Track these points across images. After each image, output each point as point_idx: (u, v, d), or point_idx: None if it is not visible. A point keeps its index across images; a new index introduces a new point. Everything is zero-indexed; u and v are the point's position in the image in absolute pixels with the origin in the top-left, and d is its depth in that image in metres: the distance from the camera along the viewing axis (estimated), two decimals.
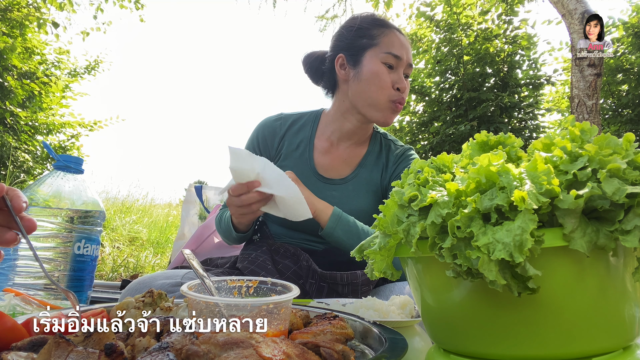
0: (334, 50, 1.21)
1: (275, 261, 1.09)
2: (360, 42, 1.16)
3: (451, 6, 6.30)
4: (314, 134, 1.25)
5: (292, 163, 1.20)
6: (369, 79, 1.13)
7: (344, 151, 1.23)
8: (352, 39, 1.17)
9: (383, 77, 1.13)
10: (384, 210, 0.49)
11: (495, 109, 5.88)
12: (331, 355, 0.41)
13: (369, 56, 1.14)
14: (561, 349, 0.41)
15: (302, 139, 1.24)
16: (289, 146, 1.23)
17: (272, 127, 1.25)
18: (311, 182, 1.18)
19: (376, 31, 1.16)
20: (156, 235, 5.05)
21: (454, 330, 0.47)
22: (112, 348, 0.38)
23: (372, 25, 1.17)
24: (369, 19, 1.20)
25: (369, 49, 1.15)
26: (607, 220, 0.37)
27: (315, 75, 1.29)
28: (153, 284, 0.92)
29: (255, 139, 1.25)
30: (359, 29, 1.17)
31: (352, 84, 1.17)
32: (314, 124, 1.26)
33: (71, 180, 1.06)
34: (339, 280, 1.03)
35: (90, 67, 6.05)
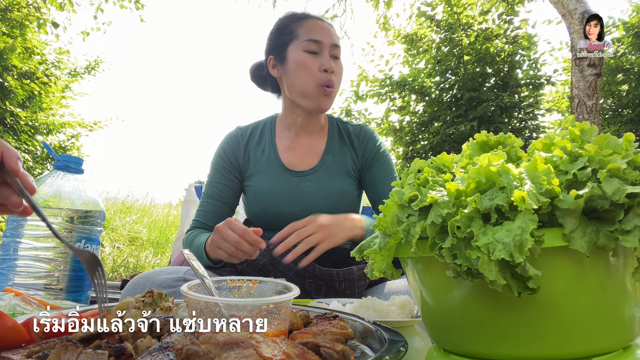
0: (265, 54, 1.27)
1: (275, 263, 1.09)
2: (282, 40, 1.21)
3: (452, 6, 6.30)
4: (273, 135, 1.29)
5: (261, 168, 1.24)
6: (295, 70, 1.17)
7: (305, 143, 1.27)
8: (276, 39, 1.23)
9: (307, 64, 1.16)
10: (384, 210, 0.49)
11: (495, 109, 5.88)
12: (331, 355, 0.41)
13: (291, 49, 1.19)
14: (561, 349, 0.41)
15: (265, 143, 1.28)
16: (254, 154, 1.27)
17: (235, 139, 1.29)
18: (284, 179, 1.22)
19: (294, 25, 1.21)
20: (156, 235, 5.05)
21: (454, 330, 0.47)
22: (120, 350, 0.38)
23: (290, 21, 1.22)
24: (287, 16, 1.25)
25: (290, 43, 1.19)
26: (607, 220, 0.37)
27: (260, 83, 1.35)
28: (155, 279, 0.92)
29: (222, 153, 1.28)
30: (279, 28, 1.23)
31: (284, 80, 1.22)
32: (272, 127, 1.31)
33: (71, 180, 1.06)
34: (335, 277, 1.04)
35: (90, 67, 6.05)
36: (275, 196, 1.20)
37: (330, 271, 1.04)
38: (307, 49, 1.17)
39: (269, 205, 1.20)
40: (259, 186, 1.22)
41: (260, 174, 1.23)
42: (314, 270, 1.06)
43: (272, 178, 1.22)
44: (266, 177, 1.22)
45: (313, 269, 1.06)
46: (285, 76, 1.21)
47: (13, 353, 0.42)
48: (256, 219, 1.23)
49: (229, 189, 1.25)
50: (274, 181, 1.21)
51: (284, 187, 1.21)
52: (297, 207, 1.19)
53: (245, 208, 1.30)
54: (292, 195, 1.20)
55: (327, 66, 1.16)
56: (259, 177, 1.23)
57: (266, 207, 1.20)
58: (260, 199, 1.21)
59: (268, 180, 1.22)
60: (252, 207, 1.24)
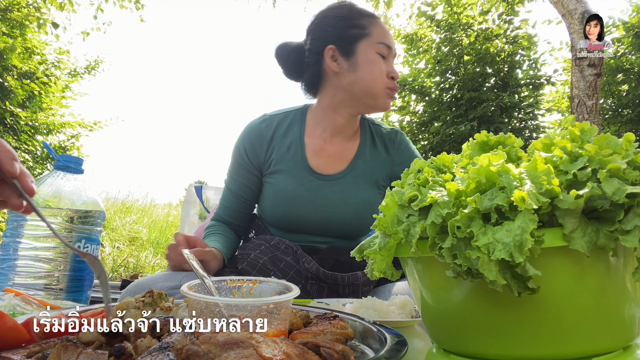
0: (320, 42, 1.16)
1: (275, 261, 1.08)
2: (351, 32, 1.13)
3: (452, 6, 6.30)
4: (303, 132, 1.20)
5: (286, 166, 1.17)
6: (366, 68, 1.12)
7: (337, 147, 1.20)
8: (342, 28, 1.14)
9: (380, 66, 1.12)
10: (384, 210, 0.49)
11: (495, 109, 5.88)
12: (331, 355, 0.41)
13: (362, 46, 1.13)
14: (561, 349, 0.41)
15: (292, 139, 1.19)
16: (279, 149, 1.18)
17: (258, 131, 1.20)
18: (309, 182, 1.15)
19: (365, 21, 1.14)
20: (156, 235, 5.05)
21: (454, 330, 0.47)
22: (121, 350, 0.38)
23: (360, 16, 1.15)
24: (356, 9, 1.17)
25: (361, 39, 1.13)
26: (607, 220, 0.37)
27: (294, 69, 1.22)
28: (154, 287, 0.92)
29: (242, 147, 1.20)
30: (348, 19, 1.15)
31: (346, 75, 1.14)
32: (302, 121, 1.22)
33: (71, 180, 1.06)
34: (340, 282, 1.03)
35: (90, 67, 6.05)
36: (297, 200, 1.13)
37: (334, 275, 1.02)
38: (379, 51, 1.13)
39: (290, 208, 1.14)
40: (281, 186, 1.15)
41: (283, 173, 1.16)
42: (318, 273, 1.04)
43: (296, 179, 1.15)
44: (290, 178, 1.15)
45: (317, 272, 1.04)
46: (349, 71, 1.13)
47: (13, 353, 0.42)
48: (274, 219, 1.18)
49: (246, 187, 1.20)
50: (298, 183, 1.14)
51: (309, 191, 1.14)
52: (319, 214, 1.14)
53: (261, 204, 1.22)
54: (316, 201, 1.14)
55: (395, 74, 1.14)
56: (282, 176, 1.16)
57: (287, 209, 1.14)
58: (281, 201, 1.15)
59: (292, 181, 1.15)
60: (270, 206, 1.17)
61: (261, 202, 1.22)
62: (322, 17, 1.19)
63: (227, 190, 1.22)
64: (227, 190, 1.22)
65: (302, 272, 1.07)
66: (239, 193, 1.20)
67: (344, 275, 1.03)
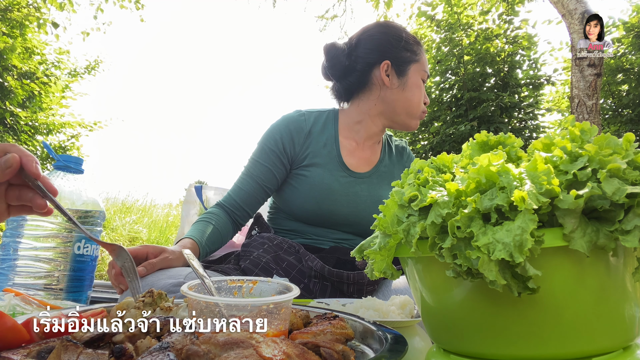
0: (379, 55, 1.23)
1: (278, 260, 1.09)
2: (405, 55, 1.23)
3: (452, 6, 6.30)
4: (337, 132, 1.27)
5: (322, 161, 1.22)
6: (413, 91, 1.23)
7: (367, 150, 1.30)
8: (400, 50, 1.23)
9: (421, 91, 1.25)
10: (384, 210, 0.49)
11: (495, 109, 5.88)
12: (331, 355, 0.41)
13: (413, 70, 1.23)
14: (561, 349, 0.41)
15: (328, 137, 1.26)
16: (316, 144, 1.24)
17: (297, 123, 1.25)
18: (343, 178, 1.22)
19: (418, 49, 1.26)
20: (156, 235, 5.05)
21: (454, 330, 0.47)
22: (121, 350, 0.38)
23: (415, 42, 1.26)
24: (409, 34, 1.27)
25: (413, 63, 1.24)
26: (607, 220, 0.37)
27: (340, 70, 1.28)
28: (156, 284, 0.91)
29: (278, 136, 1.22)
30: (406, 41, 1.24)
31: (394, 92, 1.23)
32: (335, 123, 1.29)
33: (71, 180, 1.06)
34: (345, 280, 1.03)
35: (90, 67, 6.05)
36: (332, 193, 1.19)
37: (340, 273, 1.03)
38: (422, 77, 1.25)
39: (324, 200, 1.19)
40: (317, 179, 1.20)
41: (320, 167, 1.21)
42: (322, 271, 1.04)
43: (332, 174, 1.21)
44: (326, 172, 1.21)
45: (321, 270, 1.04)
46: (399, 90, 1.23)
47: (13, 353, 0.42)
48: (304, 213, 1.21)
49: (272, 174, 1.21)
50: (333, 177, 1.21)
51: (342, 185, 1.21)
52: (348, 208, 1.20)
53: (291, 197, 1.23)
54: (347, 196, 1.20)
55: (427, 100, 1.29)
56: (318, 169, 1.21)
57: (320, 202, 1.19)
58: (317, 193, 1.19)
59: (328, 175, 1.21)
60: (303, 198, 1.20)
61: (290, 195, 1.23)
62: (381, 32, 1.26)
63: (247, 175, 1.23)
64: (247, 175, 1.23)
65: (304, 272, 1.07)
66: (261, 178, 1.21)
67: (350, 274, 1.03)
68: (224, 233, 1.18)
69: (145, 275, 0.91)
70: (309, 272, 1.06)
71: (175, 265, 0.98)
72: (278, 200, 1.29)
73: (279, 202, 1.29)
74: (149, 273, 0.92)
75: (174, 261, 0.98)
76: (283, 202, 1.26)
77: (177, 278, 0.91)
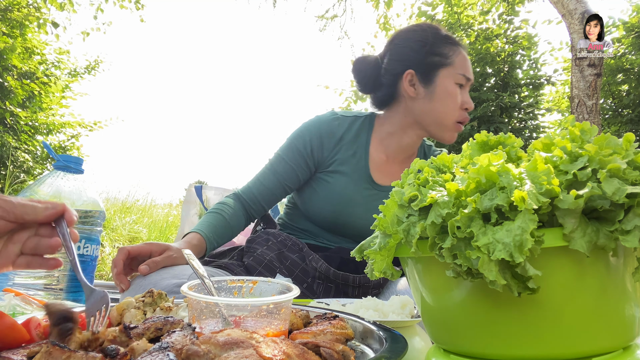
0: (400, 64, 1.15)
1: (282, 258, 1.08)
2: (432, 60, 1.13)
3: (452, 6, 6.30)
4: (369, 142, 1.20)
5: (348, 169, 1.17)
6: (443, 100, 1.12)
7: (397, 165, 1.22)
8: (424, 55, 1.13)
9: (456, 97, 1.12)
10: (384, 210, 0.49)
11: (495, 109, 5.88)
12: (331, 355, 0.41)
13: (442, 76, 1.12)
14: (561, 349, 0.41)
15: (359, 146, 1.19)
16: (345, 152, 1.18)
17: (330, 126, 1.18)
18: (367, 190, 1.16)
19: (448, 49, 1.13)
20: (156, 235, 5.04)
21: (454, 330, 0.47)
22: (114, 350, 0.38)
23: (443, 43, 1.14)
24: (440, 34, 1.16)
25: (442, 68, 1.12)
26: (607, 220, 0.37)
27: (368, 85, 1.22)
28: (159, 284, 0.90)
29: (308, 136, 1.17)
30: (432, 44, 1.13)
31: (421, 102, 1.14)
32: (369, 131, 1.21)
33: (71, 180, 1.06)
34: (351, 282, 1.02)
35: (90, 67, 6.05)
36: (351, 204, 1.14)
37: (346, 276, 1.02)
38: (458, 81, 1.12)
39: (343, 210, 1.14)
40: (339, 188, 1.15)
41: (345, 175, 1.16)
42: (327, 273, 1.03)
43: (356, 185, 1.16)
44: (350, 182, 1.16)
45: (326, 271, 1.03)
46: (426, 100, 1.13)
47: (13, 353, 0.42)
48: (319, 217, 1.18)
49: (295, 174, 1.17)
50: (357, 189, 1.15)
51: (364, 198, 1.15)
52: (366, 221, 1.13)
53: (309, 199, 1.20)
54: (368, 209, 1.15)
55: (469, 105, 1.14)
56: (342, 178, 1.16)
57: (338, 211, 1.15)
58: (335, 202, 1.15)
59: (352, 186, 1.15)
60: (320, 204, 1.17)
61: (310, 197, 1.20)
62: (404, 38, 1.17)
63: (271, 170, 1.19)
64: (271, 170, 1.19)
65: (308, 271, 1.06)
66: (284, 176, 1.17)
67: (355, 277, 1.02)
68: (234, 226, 1.14)
69: (148, 274, 0.90)
70: (313, 273, 1.05)
71: (180, 263, 0.96)
72: (297, 198, 1.25)
73: (297, 200, 1.25)
74: (152, 271, 0.90)
75: (178, 259, 0.96)
76: (301, 202, 1.23)
77: (180, 278, 0.89)
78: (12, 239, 0.56)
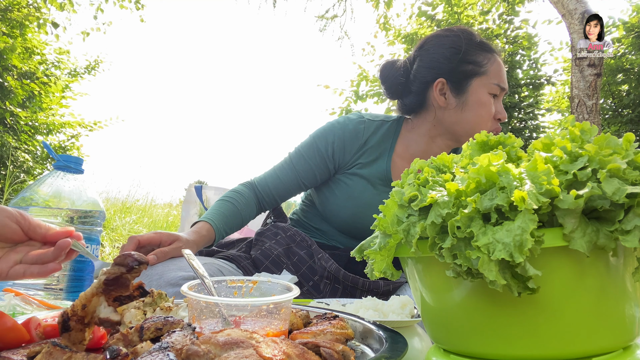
0: (431, 72, 1.10)
1: (289, 254, 1.07)
2: (465, 69, 1.08)
3: (452, 6, 6.30)
4: (393, 148, 1.16)
5: (369, 173, 1.14)
6: (475, 110, 1.07)
7: None
8: (456, 63, 1.08)
9: (489, 108, 1.07)
10: (384, 210, 0.49)
11: None
12: (331, 355, 0.41)
13: (476, 85, 1.07)
14: (561, 349, 0.41)
15: (382, 151, 1.15)
16: (368, 156, 1.14)
17: (355, 130, 1.14)
18: (385, 193, 1.12)
19: (482, 57, 1.08)
20: None
21: (454, 330, 0.47)
22: (116, 351, 0.38)
23: (477, 50, 1.09)
24: (474, 41, 1.10)
25: (475, 77, 1.07)
26: (607, 220, 0.37)
27: (397, 91, 1.17)
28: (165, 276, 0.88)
29: (331, 137, 1.14)
30: (465, 52, 1.08)
31: (452, 112, 1.09)
32: (395, 136, 1.17)
33: (71, 180, 1.06)
34: (360, 286, 1.01)
35: (90, 67, 6.05)
36: (369, 209, 1.11)
37: (355, 279, 1.00)
38: (492, 91, 1.07)
39: (360, 214, 1.12)
40: (358, 191, 1.13)
41: (364, 179, 1.13)
42: (337, 274, 1.02)
43: (376, 189, 1.13)
44: (370, 186, 1.13)
45: (336, 272, 1.02)
46: (458, 110, 1.08)
47: (13, 353, 0.42)
48: (336, 218, 1.16)
49: (313, 173, 1.14)
50: (376, 193, 1.13)
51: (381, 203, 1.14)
52: None
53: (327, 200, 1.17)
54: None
55: (502, 116, 1.10)
56: (362, 181, 1.13)
57: (355, 214, 1.12)
58: (353, 204, 1.13)
59: (371, 190, 1.13)
60: (339, 205, 1.14)
61: (327, 198, 1.17)
62: (435, 44, 1.12)
63: (289, 165, 1.16)
64: (289, 165, 1.16)
65: (315, 270, 1.05)
66: (302, 174, 1.15)
67: (365, 281, 1.00)
68: (245, 216, 1.13)
69: (156, 264, 0.89)
70: (322, 272, 1.04)
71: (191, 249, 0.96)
72: (315, 197, 1.23)
73: (315, 199, 1.23)
74: (160, 261, 0.90)
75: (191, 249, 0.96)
76: (319, 202, 1.21)
77: (187, 270, 0.88)
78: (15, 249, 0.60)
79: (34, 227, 0.59)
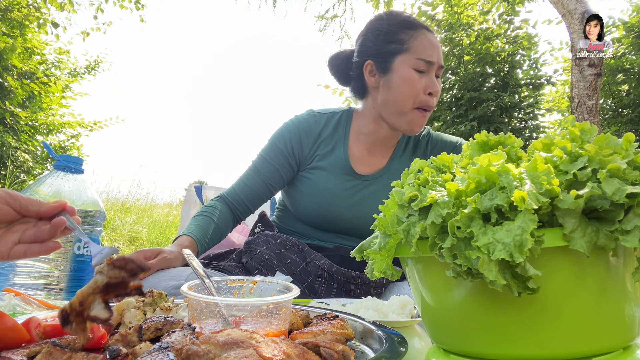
0: (361, 56, 1.16)
1: (281, 258, 1.08)
2: (388, 48, 1.11)
3: (452, 6, 6.30)
4: (347, 135, 1.21)
5: (328, 164, 1.18)
6: (400, 87, 1.09)
7: (378, 156, 1.21)
8: (380, 44, 1.12)
9: (414, 84, 1.08)
10: (384, 210, 0.49)
11: (495, 109, 5.88)
12: (331, 355, 0.41)
13: (399, 63, 1.09)
14: (561, 349, 0.41)
15: (337, 140, 1.20)
16: (324, 147, 1.19)
17: (307, 124, 1.20)
18: (349, 182, 1.17)
19: (404, 35, 1.10)
20: (156, 235, 5.04)
21: (454, 330, 0.47)
22: (116, 352, 0.38)
23: (399, 28, 1.11)
24: (397, 20, 1.13)
25: (398, 55, 1.10)
26: (607, 220, 0.37)
27: (342, 79, 1.25)
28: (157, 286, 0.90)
29: (288, 136, 1.19)
30: (387, 33, 1.12)
31: (381, 91, 1.13)
32: (347, 125, 1.22)
33: (71, 180, 1.06)
34: (353, 280, 1.02)
35: (90, 67, 6.05)
36: (336, 198, 1.15)
37: (348, 273, 1.02)
38: (417, 67, 1.08)
39: (327, 206, 1.15)
40: (321, 183, 1.16)
41: (325, 171, 1.17)
42: (330, 270, 1.03)
43: (337, 177, 1.16)
44: (331, 176, 1.16)
45: (329, 268, 1.03)
46: (383, 88, 1.12)
47: (13, 353, 0.42)
48: (307, 216, 1.19)
49: (278, 174, 1.18)
50: (338, 182, 1.16)
51: (346, 190, 1.16)
52: (353, 213, 1.15)
53: (296, 199, 1.21)
54: (352, 201, 1.15)
55: (433, 89, 1.10)
56: (323, 173, 1.17)
57: (323, 206, 1.15)
58: (318, 197, 1.16)
59: (333, 179, 1.16)
60: (304, 202, 1.18)
61: (295, 197, 1.21)
62: (365, 30, 1.18)
63: (254, 171, 1.20)
64: (254, 171, 1.20)
65: (309, 270, 1.06)
66: (268, 177, 1.18)
67: (358, 274, 1.01)
68: (223, 229, 1.16)
69: (145, 277, 0.91)
70: (315, 271, 1.05)
71: (175, 265, 0.97)
72: (286, 200, 1.27)
73: (286, 202, 1.26)
74: (149, 274, 0.92)
75: (173, 261, 0.98)
76: (289, 202, 1.24)
77: (178, 279, 0.90)
78: (11, 229, 0.59)
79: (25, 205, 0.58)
